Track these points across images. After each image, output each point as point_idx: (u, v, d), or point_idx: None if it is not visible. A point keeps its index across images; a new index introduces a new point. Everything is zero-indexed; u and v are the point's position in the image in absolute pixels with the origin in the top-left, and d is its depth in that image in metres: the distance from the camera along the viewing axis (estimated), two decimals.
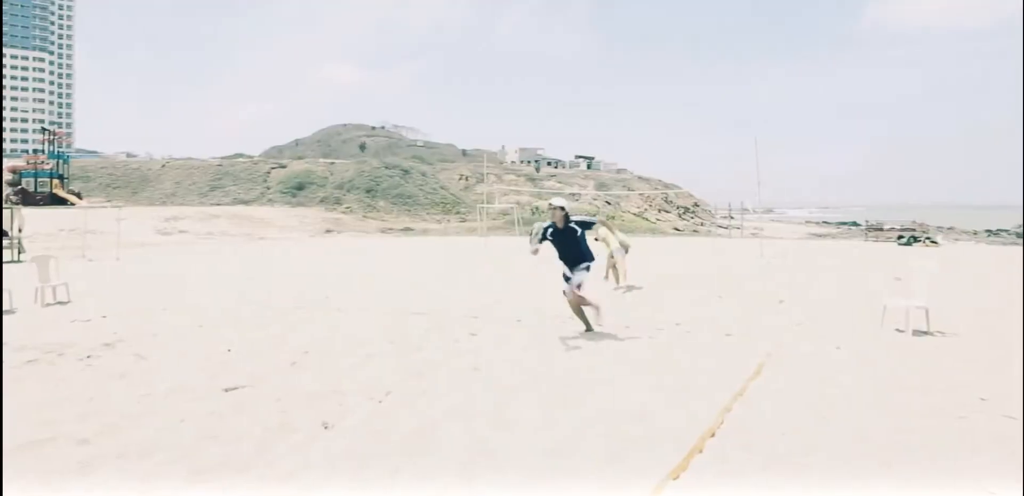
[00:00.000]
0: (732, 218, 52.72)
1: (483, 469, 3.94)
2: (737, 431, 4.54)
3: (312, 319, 9.29)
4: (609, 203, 69.02)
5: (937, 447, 4.22)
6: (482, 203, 48.28)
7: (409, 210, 63.97)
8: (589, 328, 8.03)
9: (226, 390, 5.66)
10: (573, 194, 68.72)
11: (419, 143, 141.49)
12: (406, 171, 74.46)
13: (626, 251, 13.28)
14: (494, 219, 51.02)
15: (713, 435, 4.46)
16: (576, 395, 5.40)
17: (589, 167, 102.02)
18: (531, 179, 78.55)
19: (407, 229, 52.14)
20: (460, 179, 76.65)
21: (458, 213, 63.49)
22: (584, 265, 7.78)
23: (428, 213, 63.38)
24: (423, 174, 75.62)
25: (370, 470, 3.93)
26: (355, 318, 9.33)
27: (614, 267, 13.19)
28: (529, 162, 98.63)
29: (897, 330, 8.15)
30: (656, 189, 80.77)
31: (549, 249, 8.03)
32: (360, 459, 4.09)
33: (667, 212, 74.26)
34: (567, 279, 7.85)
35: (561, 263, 7.90)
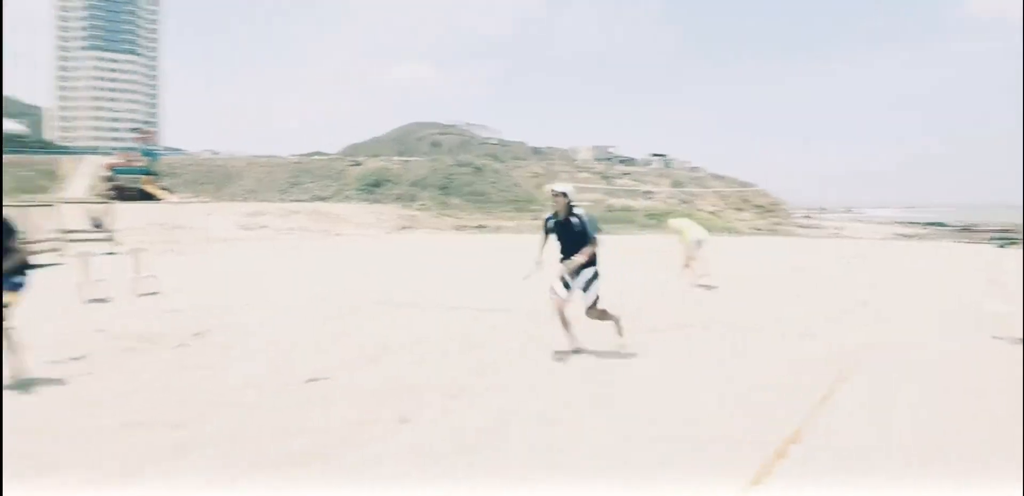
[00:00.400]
0: (811, 217, 51.29)
1: (555, 468, 3.94)
2: (821, 437, 4.42)
3: (388, 314, 9.45)
4: (684, 202, 68.03)
5: None
6: None
7: (482, 207, 64.44)
8: (577, 347, 6.92)
9: (307, 382, 5.82)
10: (647, 192, 67.99)
11: (491, 141, 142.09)
12: (479, 169, 75.00)
13: (699, 246, 13.01)
14: None
15: (796, 440, 4.35)
16: (648, 396, 5.35)
17: (666, 165, 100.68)
18: (604, 177, 78.05)
19: (481, 226, 52.54)
20: (533, 177, 76.74)
21: (531, 211, 63.58)
22: (591, 273, 6.76)
23: (501, 210, 63.70)
24: (496, 172, 76.03)
25: (447, 464, 3.98)
26: (430, 314, 9.46)
27: (691, 261, 12.92)
28: (601, 160, 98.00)
29: (994, 337, 7.75)
30: (732, 187, 79.18)
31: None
32: (437, 453, 4.15)
33: (744, 211, 72.75)
34: (566, 285, 6.83)
35: (561, 267, 6.85)
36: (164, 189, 63.03)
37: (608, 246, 7.75)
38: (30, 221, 22.17)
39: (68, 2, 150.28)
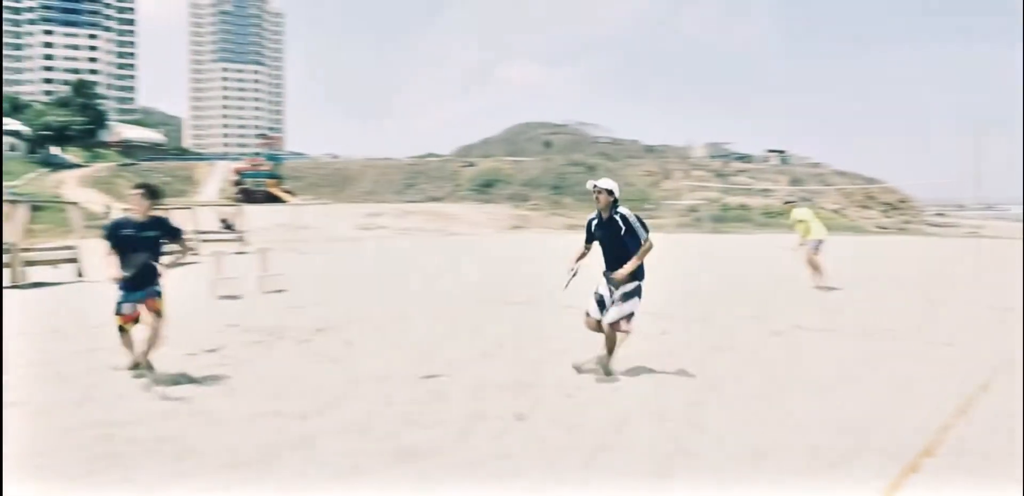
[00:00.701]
0: (944, 215, 48.27)
1: (677, 469, 3.85)
2: (958, 451, 4.12)
3: (503, 313, 9.53)
4: (805, 199, 65.48)
5: None
6: (669, 200, 47.45)
7: (594, 207, 64.15)
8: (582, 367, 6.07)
9: (425, 378, 5.93)
10: (765, 190, 65.83)
11: (603, 140, 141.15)
12: (591, 168, 74.67)
13: (819, 245, 12.33)
14: (682, 216, 49.97)
15: (930, 454, 4.08)
16: (775, 400, 5.15)
17: (784, 162, 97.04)
18: (719, 175, 76.14)
19: None
20: (646, 175, 75.75)
21: (644, 210, 62.77)
22: (633, 286, 5.91)
23: None
24: (608, 171, 75.46)
25: (563, 462, 3.95)
26: (544, 312, 9.47)
27: (812, 261, 12.27)
28: (717, 157, 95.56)
29: None
30: (856, 184, 75.50)
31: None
32: (553, 451, 4.13)
33: (869, 209, 69.25)
34: (600, 302, 6.01)
35: (602, 277, 6.08)
36: (288, 191, 66.11)
37: (724, 245, 7.53)
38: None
39: (200, 18, 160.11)
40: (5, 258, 15.33)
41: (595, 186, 6.00)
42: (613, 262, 5.95)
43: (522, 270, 16.47)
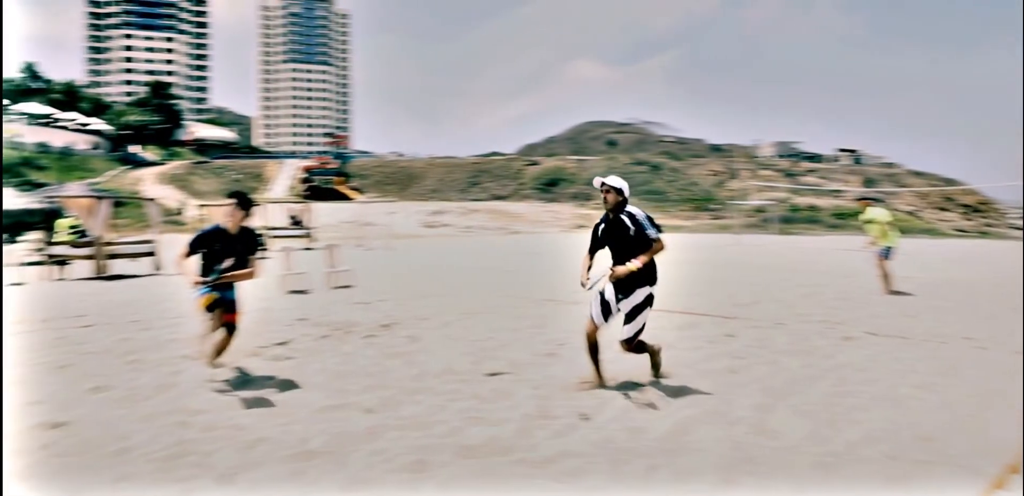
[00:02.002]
0: None
1: (744, 475, 3.77)
2: None
3: (567, 312, 9.51)
4: (878, 200, 63.49)
5: None
6: (735, 200, 46.63)
7: (660, 207, 63.41)
8: (603, 383, 5.51)
9: (488, 375, 5.95)
10: (835, 191, 64.08)
11: (668, 138, 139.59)
12: (656, 167, 73.95)
13: (890, 253, 11.82)
14: (749, 216, 49.04)
15: (1017, 470, 3.90)
16: (848, 408, 4.99)
17: (856, 162, 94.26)
18: (788, 174, 74.45)
19: None
20: (712, 175, 74.57)
21: (710, 210, 61.82)
22: (642, 297, 5.34)
23: (679, 210, 62.43)
24: (673, 170, 74.64)
25: (627, 464, 3.91)
26: None
27: (882, 267, 11.83)
28: (785, 157, 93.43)
29: None
30: (934, 185, 72.84)
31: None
32: (617, 452, 4.09)
33: (947, 211, 66.74)
34: (605, 307, 5.45)
35: (609, 283, 5.47)
36: (354, 189, 67.37)
37: (792, 247, 7.34)
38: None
39: (270, 20, 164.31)
40: (91, 251, 16.03)
41: (603, 184, 5.45)
42: (618, 264, 5.41)
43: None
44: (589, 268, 5.51)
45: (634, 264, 5.19)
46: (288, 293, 11.37)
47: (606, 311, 5.45)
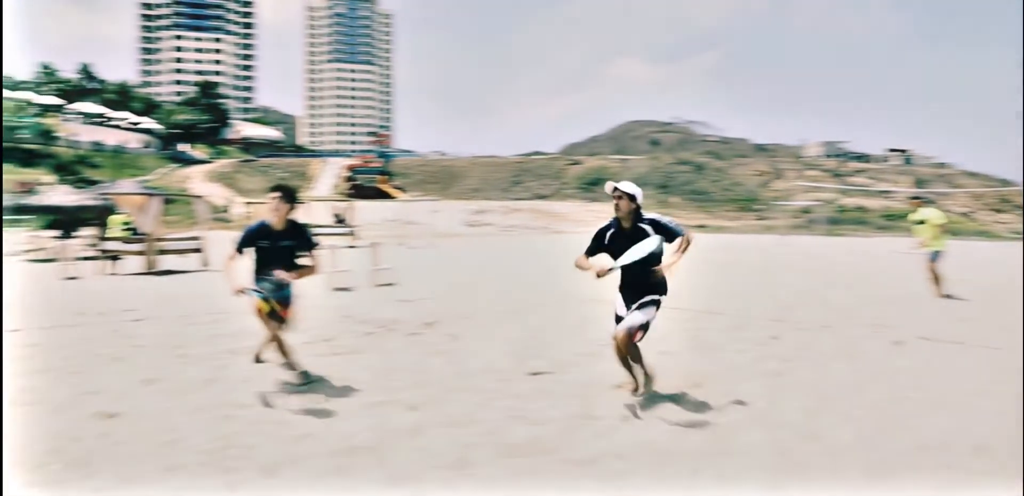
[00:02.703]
0: None
1: (788, 480, 3.70)
2: None
3: (609, 312, 9.41)
4: (930, 202, 61.97)
5: None
6: (780, 200, 45.93)
7: (703, 207, 62.80)
8: (639, 388, 5.25)
9: (531, 374, 5.94)
10: (885, 191, 62.71)
11: (711, 138, 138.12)
12: (699, 167, 73.19)
13: (938, 257, 11.41)
14: (794, 217, 48.27)
15: None
16: (898, 414, 4.87)
17: (907, 162, 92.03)
18: (835, 175, 73.07)
19: (701, 226, 51.22)
20: (757, 175, 73.55)
21: (754, 211, 60.98)
22: (651, 298, 5.09)
23: (723, 210, 61.71)
24: (717, 170, 73.80)
25: (671, 467, 3.87)
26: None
27: (931, 270, 11.48)
28: (833, 156, 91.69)
29: None
30: (988, 186, 70.79)
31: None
32: (660, 454, 4.05)
33: (1002, 212, 64.82)
34: (618, 320, 5.21)
35: (618, 293, 5.30)
36: (397, 188, 67.91)
37: (840, 249, 7.18)
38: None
39: (315, 21, 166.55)
40: (141, 246, 16.41)
41: (615, 189, 5.01)
42: (632, 278, 5.10)
43: None
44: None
45: (674, 261, 4.95)
46: (332, 290, 11.50)
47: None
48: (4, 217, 30.67)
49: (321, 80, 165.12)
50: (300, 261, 5.49)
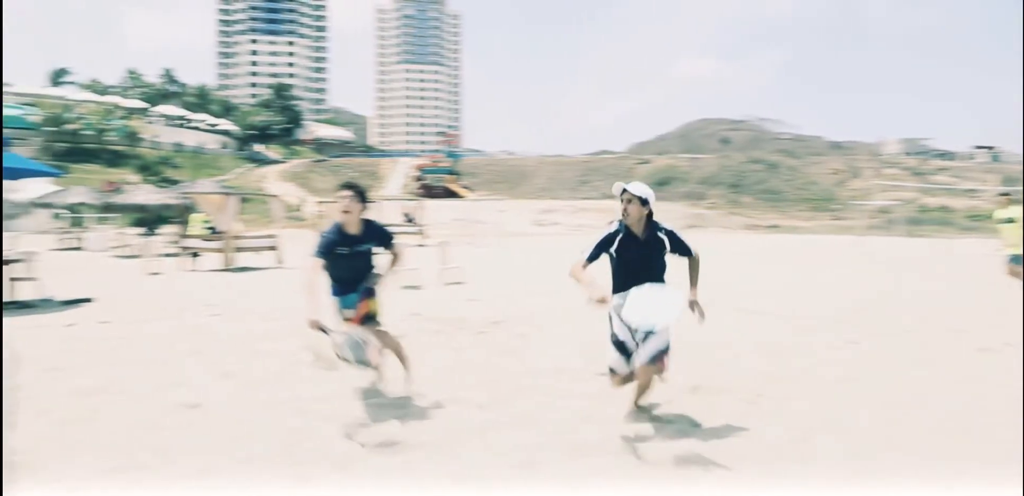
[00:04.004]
0: None
1: (865, 488, 3.58)
2: None
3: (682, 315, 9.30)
4: (1014, 201, 59.13)
5: None
6: (858, 200, 44.54)
7: (776, 206, 61.37)
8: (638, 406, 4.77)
9: (601, 374, 5.90)
10: (970, 190, 60.17)
11: (785, 136, 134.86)
12: (772, 165, 71.57)
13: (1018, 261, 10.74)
14: (872, 217, 46.72)
15: None
16: (983, 424, 4.65)
17: (994, 159, 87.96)
18: (916, 173, 70.45)
19: (774, 226, 50.13)
20: (832, 174, 71.48)
21: (830, 210, 59.30)
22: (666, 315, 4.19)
23: (797, 210, 60.21)
24: (791, 168, 72.04)
25: (740, 471, 3.79)
26: (726, 317, 9.16)
27: (1013, 273, 10.78)
28: (913, 154, 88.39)
29: None
30: None
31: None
32: (733, 458, 3.97)
33: None
34: (623, 349, 4.49)
35: (617, 311, 4.48)
36: (465, 187, 68.48)
37: (921, 250, 6.91)
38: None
39: (384, 23, 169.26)
40: (220, 244, 16.97)
41: (624, 191, 4.37)
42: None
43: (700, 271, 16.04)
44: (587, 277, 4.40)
45: (697, 287, 4.82)
46: (401, 288, 11.66)
47: (626, 351, 4.50)
48: (95, 215, 32.17)
49: (391, 81, 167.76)
50: (381, 260, 5.22)
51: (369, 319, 5.15)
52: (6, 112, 59.02)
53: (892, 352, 6.96)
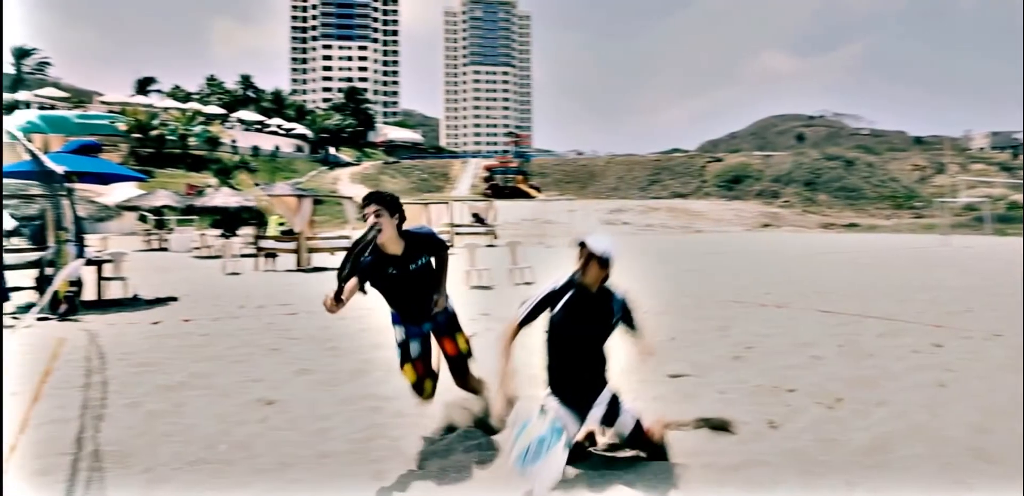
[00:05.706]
0: None
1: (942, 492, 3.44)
2: None
3: (753, 314, 9.13)
4: None
5: None
6: (942, 197, 42.80)
7: (854, 205, 59.50)
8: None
9: (671, 376, 5.83)
10: None
11: (863, 131, 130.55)
12: (850, 162, 69.38)
13: None
14: (957, 215, 44.85)
15: None
16: None
17: None
18: (1006, 168, 67.29)
19: (851, 225, 48.62)
20: (914, 170, 68.87)
21: (912, 208, 57.16)
22: (610, 393, 3.94)
23: (876, 208, 58.26)
24: (869, 165, 69.71)
25: (821, 478, 3.68)
26: (799, 317, 8.93)
27: None
28: (1003, 148, 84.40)
29: None
30: None
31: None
32: (809, 464, 3.86)
33: None
34: (557, 433, 3.57)
35: (552, 394, 4.03)
36: (535, 187, 68.62)
37: (1012, 249, 6.57)
38: (431, 216, 25.45)
39: (453, 25, 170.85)
40: (294, 244, 17.42)
41: (583, 245, 3.71)
42: (581, 375, 3.95)
43: (772, 270, 15.68)
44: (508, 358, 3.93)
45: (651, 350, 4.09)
46: (471, 288, 11.74)
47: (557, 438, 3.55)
48: (176, 217, 33.44)
49: (461, 82, 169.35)
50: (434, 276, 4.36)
51: (460, 360, 4.47)
52: (97, 121, 62.03)
53: (982, 357, 6.65)
